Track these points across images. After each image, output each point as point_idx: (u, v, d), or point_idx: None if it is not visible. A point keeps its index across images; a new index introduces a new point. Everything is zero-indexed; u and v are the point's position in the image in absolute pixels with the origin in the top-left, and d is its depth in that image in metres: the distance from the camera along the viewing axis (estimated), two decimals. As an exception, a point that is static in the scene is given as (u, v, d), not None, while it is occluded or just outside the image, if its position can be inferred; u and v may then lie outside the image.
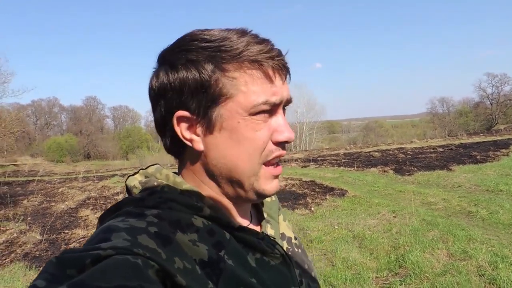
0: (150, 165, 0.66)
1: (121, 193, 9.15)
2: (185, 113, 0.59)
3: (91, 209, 7.60)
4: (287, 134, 0.61)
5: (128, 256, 0.43)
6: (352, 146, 22.67)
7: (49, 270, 0.41)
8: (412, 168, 10.34)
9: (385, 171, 10.40)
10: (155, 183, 0.61)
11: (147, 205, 0.56)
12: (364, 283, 3.75)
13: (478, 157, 10.87)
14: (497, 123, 44.87)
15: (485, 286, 3.45)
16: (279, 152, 0.62)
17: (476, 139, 16.31)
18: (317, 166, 12.53)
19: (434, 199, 6.99)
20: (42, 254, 5.18)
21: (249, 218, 0.70)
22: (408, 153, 13.31)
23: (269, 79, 0.59)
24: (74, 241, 5.72)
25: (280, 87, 0.60)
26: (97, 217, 0.62)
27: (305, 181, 9.21)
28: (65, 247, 5.46)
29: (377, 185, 8.71)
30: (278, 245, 0.65)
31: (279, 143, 0.62)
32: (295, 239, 0.77)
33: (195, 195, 0.60)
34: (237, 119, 0.58)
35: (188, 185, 0.61)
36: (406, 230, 5.11)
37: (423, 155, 12.27)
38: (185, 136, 0.60)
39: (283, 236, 0.74)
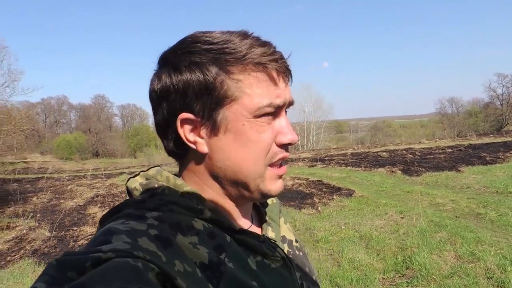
0: (151, 167, 0.66)
1: (128, 191, 9.19)
2: (189, 116, 0.59)
3: (99, 207, 7.67)
4: (290, 136, 0.62)
5: (128, 259, 0.43)
6: (359, 146, 22.56)
7: (49, 272, 0.41)
8: (420, 168, 10.25)
9: (393, 172, 10.33)
10: (156, 185, 0.61)
11: (148, 207, 0.56)
12: (370, 284, 3.74)
13: (487, 158, 10.75)
14: (508, 124, 44.24)
15: (493, 289, 3.43)
16: (283, 154, 0.63)
17: (485, 140, 16.10)
18: (324, 165, 12.50)
19: (442, 200, 6.93)
20: (50, 250, 5.25)
21: (250, 220, 0.70)
22: (416, 153, 13.20)
23: (273, 81, 0.59)
24: (82, 238, 5.77)
25: (283, 89, 0.61)
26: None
27: (312, 181, 9.20)
28: (74, 244, 5.52)
29: (385, 186, 8.67)
30: (279, 248, 0.65)
31: (283, 145, 0.62)
32: (296, 241, 0.77)
33: (196, 198, 0.60)
34: (242, 121, 0.58)
35: (188, 187, 0.61)
36: (413, 231, 5.08)
37: (432, 156, 12.16)
38: (188, 138, 0.60)
39: (284, 239, 0.74)
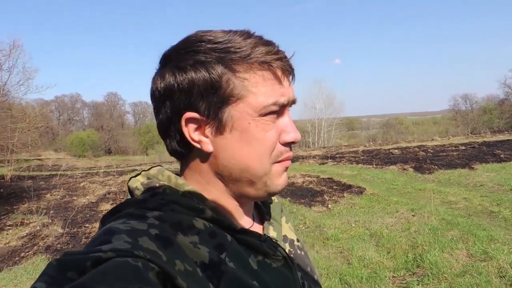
0: (152, 167, 0.66)
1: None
2: (194, 115, 0.58)
3: (111, 204, 7.75)
4: (294, 134, 0.62)
5: (128, 258, 0.43)
6: (371, 143, 22.37)
7: (49, 272, 0.41)
8: (432, 166, 10.12)
9: (404, 169, 10.23)
10: (157, 184, 0.61)
11: (149, 207, 0.56)
12: (380, 282, 3.71)
13: (502, 156, 10.54)
14: (523, 120, 43.40)
15: (505, 288, 3.38)
16: (288, 153, 0.64)
17: (500, 137, 15.81)
18: (335, 163, 12.43)
19: (454, 198, 6.84)
20: (63, 247, 5.33)
21: (252, 219, 0.70)
22: (429, 151, 13.02)
23: (278, 80, 0.60)
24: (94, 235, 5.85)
25: (287, 88, 0.61)
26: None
27: (323, 178, 9.16)
28: (86, 240, 5.59)
29: (396, 183, 8.59)
30: (280, 247, 0.65)
31: (286, 144, 0.63)
32: (298, 241, 0.76)
33: (197, 197, 0.60)
34: (248, 120, 0.58)
35: (190, 187, 0.61)
36: (425, 229, 5.03)
37: (445, 153, 11.99)
38: (193, 137, 0.60)
39: (285, 238, 0.74)
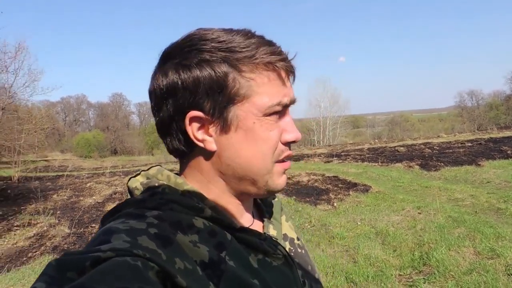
0: (151, 166, 0.66)
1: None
2: (199, 114, 0.58)
3: (118, 203, 7.79)
4: (295, 134, 0.63)
5: (127, 257, 0.43)
6: (376, 141, 22.27)
7: (49, 272, 0.41)
8: (438, 163, 10.08)
9: (410, 167, 10.18)
10: (156, 184, 0.61)
11: (148, 206, 0.56)
12: (386, 281, 3.70)
13: (508, 152, 10.45)
14: (531, 116, 42.97)
15: (513, 285, 3.35)
16: (288, 152, 0.64)
17: (507, 133, 15.68)
18: (341, 161, 12.40)
19: (461, 195, 6.80)
20: (70, 247, 5.36)
21: (252, 217, 0.70)
22: (434, 148, 12.96)
23: (282, 81, 0.61)
24: (100, 235, 5.88)
25: (289, 89, 0.62)
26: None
27: (328, 177, 9.13)
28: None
29: (402, 181, 8.55)
30: (280, 246, 0.65)
31: (287, 143, 0.63)
32: (298, 239, 0.76)
33: (196, 196, 0.60)
34: (253, 119, 0.59)
35: (189, 186, 0.61)
36: (431, 227, 5.00)
37: (451, 150, 11.92)
38: (197, 136, 0.59)
39: (285, 236, 0.74)
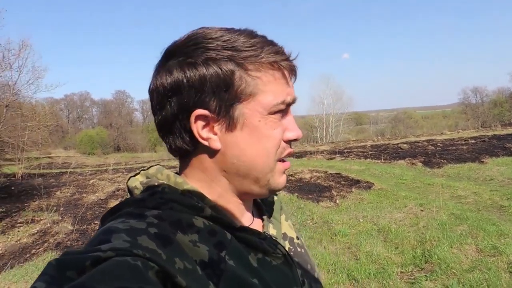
0: (151, 166, 0.66)
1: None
2: (205, 112, 0.58)
3: (120, 200, 7.81)
4: (296, 132, 0.65)
5: (127, 257, 0.43)
6: (379, 138, 22.21)
7: (49, 272, 0.42)
8: (441, 160, 10.02)
9: (413, 164, 10.14)
10: (156, 183, 0.61)
11: (148, 206, 0.56)
12: (388, 278, 3.70)
13: (512, 149, 10.43)
14: (535, 113, 42.70)
15: (515, 283, 3.34)
16: (289, 149, 0.65)
17: (511, 131, 15.58)
18: (343, 158, 12.37)
19: (464, 192, 6.77)
20: (73, 244, 5.38)
21: (252, 216, 0.71)
22: (438, 145, 12.89)
23: (285, 80, 0.62)
24: (103, 232, 5.91)
25: (292, 88, 0.64)
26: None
27: (331, 174, 9.11)
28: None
29: (405, 178, 8.52)
30: (280, 245, 0.65)
31: (288, 141, 0.64)
32: (298, 239, 0.77)
33: (196, 195, 0.60)
34: (258, 117, 0.59)
35: (189, 185, 0.61)
36: (433, 224, 4.99)
37: (454, 147, 11.85)
38: (201, 135, 0.59)
39: (285, 236, 0.74)
